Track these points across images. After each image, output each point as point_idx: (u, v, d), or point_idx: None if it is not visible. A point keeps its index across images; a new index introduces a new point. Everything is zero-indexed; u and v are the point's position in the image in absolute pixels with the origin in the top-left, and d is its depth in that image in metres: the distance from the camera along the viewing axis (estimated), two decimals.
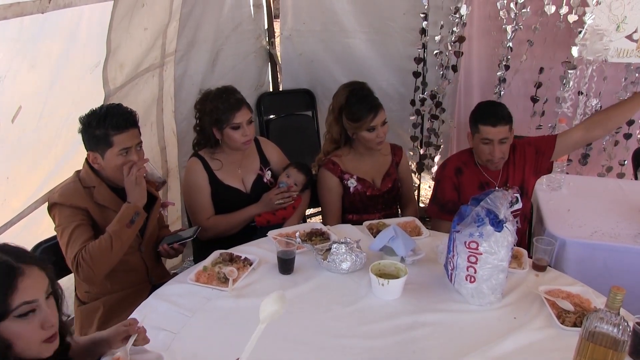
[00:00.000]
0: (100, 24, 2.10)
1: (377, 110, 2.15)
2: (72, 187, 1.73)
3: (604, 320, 1.15)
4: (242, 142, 2.09)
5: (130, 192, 1.72)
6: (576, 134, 2.10)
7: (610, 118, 2.05)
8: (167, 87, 2.82)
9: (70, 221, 1.68)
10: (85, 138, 1.74)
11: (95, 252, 1.63)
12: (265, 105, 3.55)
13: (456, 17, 3.09)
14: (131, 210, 1.70)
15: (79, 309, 1.84)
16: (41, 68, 1.84)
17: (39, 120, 1.89)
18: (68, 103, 2.03)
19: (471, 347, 1.38)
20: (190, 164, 2.17)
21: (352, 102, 2.17)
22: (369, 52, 3.49)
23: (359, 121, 2.15)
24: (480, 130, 2.02)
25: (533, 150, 2.15)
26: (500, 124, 1.99)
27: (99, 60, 2.17)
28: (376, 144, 2.19)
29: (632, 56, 2.82)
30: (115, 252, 1.66)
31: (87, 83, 2.16)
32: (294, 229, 1.99)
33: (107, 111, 1.72)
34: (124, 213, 1.70)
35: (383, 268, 1.65)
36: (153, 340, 1.39)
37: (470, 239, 1.52)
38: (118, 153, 1.71)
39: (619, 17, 2.79)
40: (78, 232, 1.67)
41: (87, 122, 1.72)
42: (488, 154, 2.04)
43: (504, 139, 2.01)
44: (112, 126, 1.69)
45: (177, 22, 2.74)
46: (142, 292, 1.83)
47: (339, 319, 1.52)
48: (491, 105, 2.13)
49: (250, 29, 3.38)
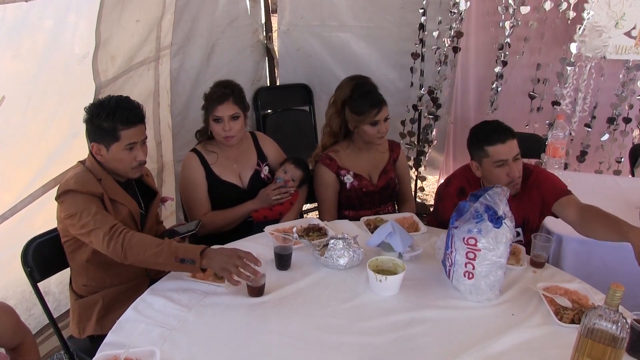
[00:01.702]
0: (88, 14, 2.07)
1: (382, 105, 2.14)
2: (86, 176, 1.69)
3: (603, 317, 1.15)
4: (222, 136, 2.08)
5: (216, 258, 1.52)
6: (571, 216, 1.82)
7: (600, 232, 1.73)
8: (163, 81, 2.80)
9: (89, 206, 1.60)
10: (91, 129, 1.69)
11: (140, 243, 1.55)
12: (262, 100, 3.53)
13: (455, 13, 3.08)
14: (195, 256, 1.52)
15: (77, 303, 1.82)
16: (26, 57, 1.81)
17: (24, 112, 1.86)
18: (55, 94, 2.00)
19: (469, 344, 1.38)
20: (187, 160, 2.16)
21: (357, 95, 2.17)
22: (367, 47, 3.49)
23: (363, 114, 2.14)
24: (489, 153, 1.82)
25: (539, 195, 1.92)
26: (508, 139, 1.81)
27: (88, 51, 2.13)
28: (377, 139, 2.19)
29: (631, 53, 2.82)
30: (151, 258, 1.55)
31: (75, 74, 2.13)
32: (291, 225, 1.97)
33: (116, 104, 1.68)
34: (190, 250, 1.54)
35: (381, 264, 1.64)
36: (148, 336, 1.38)
37: (469, 235, 1.51)
38: (124, 147, 1.69)
39: (617, 13, 2.79)
40: (101, 213, 1.62)
41: (96, 112, 1.67)
42: (506, 176, 1.82)
43: (517, 155, 1.83)
44: (121, 120, 1.65)
45: (172, 15, 2.71)
46: (141, 286, 1.82)
47: (337, 315, 1.51)
48: (489, 123, 1.91)
49: (246, 23, 3.35)
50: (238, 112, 2.07)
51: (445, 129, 3.64)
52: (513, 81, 3.27)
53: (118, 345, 1.32)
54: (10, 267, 1.87)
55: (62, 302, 2.24)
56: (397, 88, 3.52)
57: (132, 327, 1.42)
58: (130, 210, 1.76)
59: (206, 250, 1.54)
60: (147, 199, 1.90)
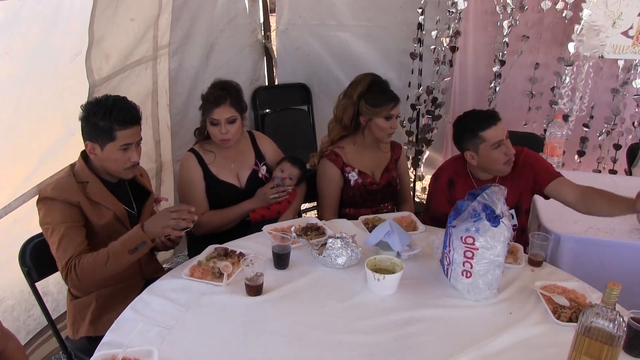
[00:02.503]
0: (81, 11, 2.05)
1: (397, 101, 2.22)
2: (65, 181, 1.69)
3: (600, 316, 1.15)
4: (219, 139, 2.07)
5: (154, 223, 1.60)
6: (569, 195, 1.95)
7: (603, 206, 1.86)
8: (162, 81, 2.79)
9: (61, 221, 1.63)
10: (86, 127, 1.67)
11: (89, 267, 1.59)
12: (260, 99, 3.53)
13: (453, 12, 3.09)
14: (140, 238, 1.60)
15: (72, 303, 1.82)
16: (16, 55, 1.80)
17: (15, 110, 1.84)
18: (47, 92, 1.99)
19: (467, 343, 1.38)
20: (185, 160, 2.15)
21: (376, 89, 2.21)
22: (366, 47, 3.49)
23: (380, 107, 2.17)
24: (485, 137, 1.92)
25: (531, 174, 2.03)
26: (497, 121, 1.94)
27: (80, 49, 2.12)
28: (387, 135, 2.22)
29: (628, 52, 2.82)
30: (108, 270, 1.60)
31: (68, 72, 2.12)
32: (289, 224, 1.97)
33: (113, 104, 1.66)
34: (132, 237, 1.60)
35: (379, 263, 1.64)
36: (146, 336, 1.38)
37: (467, 234, 1.51)
38: (119, 148, 1.68)
39: (614, 13, 2.80)
40: (69, 236, 1.63)
41: (92, 111, 1.66)
42: (504, 155, 1.94)
43: (507, 134, 1.96)
44: (117, 120, 1.65)
45: (170, 14, 2.71)
46: (135, 286, 1.82)
47: (335, 314, 1.51)
48: (474, 112, 2.02)
49: (245, 22, 3.35)
50: (235, 115, 2.05)
51: (444, 129, 3.64)
52: (511, 80, 3.28)
53: (116, 345, 1.32)
54: (9, 267, 1.87)
55: (61, 302, 2.24)
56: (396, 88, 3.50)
57: (130, 327, 1.41)
58: (116, 213, 1.75)
59: (144, 226, 1.61)
60: (141, 199, 1.89)
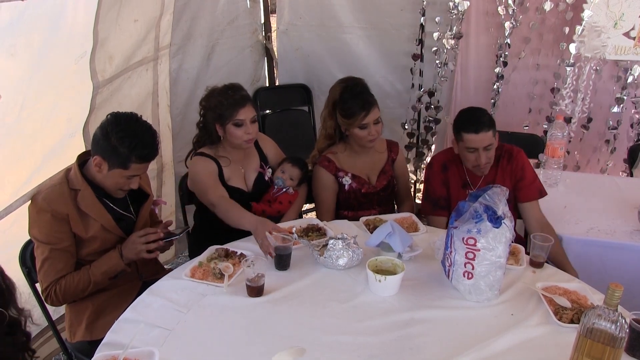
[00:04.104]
0: (86, 13, 2.05)
1: (370, 107, 2.10)
2: (57, 190, 1.67)
3: (602, 317, 1.15)
4: (244, 140, 2.04)
5: (129, 249, 1.71)
6: (531, 223, 2.09)
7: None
8: (162, 81, 2.79)
9: (46, 241, 1.65)
10: (103, 144, 1.63)
11: (71, 290, 1.69)
12: (261, 100, 3.53)
13: (454, 13, 3.08)
14: (121, 267, 1.72)
15: (69, 307, 1.82)
16: (21, 57, 1.79)
17: (20, 111, 1.84)
18: (51, 94, 1.99)
19: (468, 344, 1.38)
20: (201, 160, 2.09)
21: (346, 98, 2.14)
22: (366, 48, 3.48)
23: (351, 118, 2.11)
24: (463, 138, 1.98)
25: (519, 176, 2.10)
26: (482, 130, 1.93)
27: (85, 51, 2.12)
28: (368, 141, 2.15)
29: (630, 53, 2.82)
30: (87, 293, 1.72)
31: (72, 74, 2.12)
32: (290, 225, 1.97)
33: (140, 137, 1.63)
34: (113, 267, 1.71)
35: (380, 264, 1.64)
36: (147, 337, 1.38)
37: (468, 235, 1.51)
38: (127, 176, 1.69)
39: (616, 14, 2.79)
40: (51, 259, 1.66)
41: (118, 135, 1.61)
42: (474, 160, 2.01)
43: (489, 145, 1.97)
44: (138, 155, 1.64)
45: (171, 15, 2.71)
46: (132, 289, 1.82)
47: (336, 316, 1.51)
48: (472, 111, 2.04)
49: (246, 23, 3.35)
50: (255, 114, 2.06)
51: (445, 131, 3.64)
52: (513, 82, 3.27)
53: (117, 346, 1.32)
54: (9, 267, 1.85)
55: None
56: (397, 90, 3.52)
57: (131, 328, 1.42)
58: (103, 224, 1.73)
59: (121, 251, 1.71)
60: (138, 201, 1.88)
